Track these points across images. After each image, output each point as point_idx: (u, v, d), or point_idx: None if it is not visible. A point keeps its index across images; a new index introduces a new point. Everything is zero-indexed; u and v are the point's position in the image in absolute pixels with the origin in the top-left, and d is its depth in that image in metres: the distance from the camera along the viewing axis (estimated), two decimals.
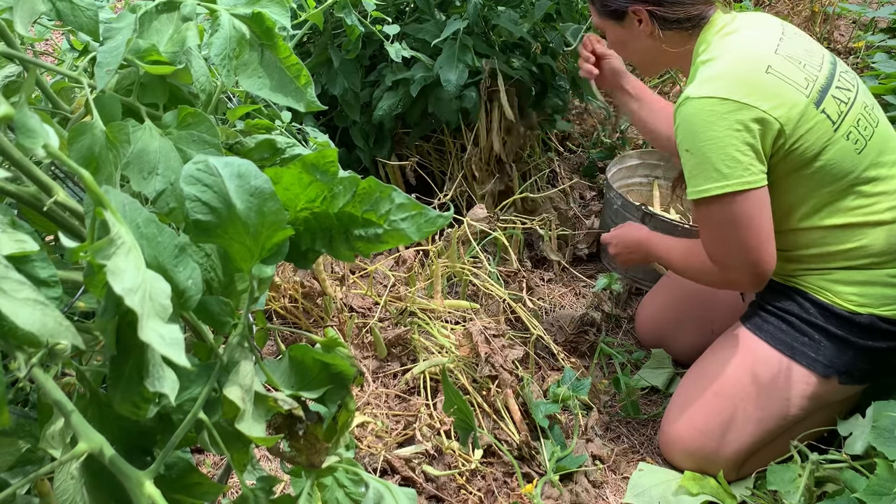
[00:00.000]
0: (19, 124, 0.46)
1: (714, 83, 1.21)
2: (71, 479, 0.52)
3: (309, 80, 0.82)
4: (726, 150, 1.19)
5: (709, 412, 1.35)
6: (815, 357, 1.29)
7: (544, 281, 1.94)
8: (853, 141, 1.24)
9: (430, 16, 1.91)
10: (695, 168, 1.23)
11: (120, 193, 0.47)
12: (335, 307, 1.66)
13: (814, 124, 1.21)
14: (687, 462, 1.39)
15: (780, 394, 1.31)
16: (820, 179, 1.24)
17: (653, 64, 1.45)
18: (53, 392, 0.46)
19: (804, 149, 1.22)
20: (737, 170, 1.19)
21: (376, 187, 0.58)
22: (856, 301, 1.27)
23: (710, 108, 1.20)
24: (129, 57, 0.70)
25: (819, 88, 1.24)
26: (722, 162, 1.19)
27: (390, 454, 1.35)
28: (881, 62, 2.20)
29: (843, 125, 1.24)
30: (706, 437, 1.35)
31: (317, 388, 0.63)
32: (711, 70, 1.24)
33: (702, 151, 1.21)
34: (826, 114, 1.23)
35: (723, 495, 1.30)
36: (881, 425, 1.15)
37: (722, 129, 1.19)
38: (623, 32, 1.38)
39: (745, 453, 1.34)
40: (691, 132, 1.22)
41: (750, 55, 1.24)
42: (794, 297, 1.33)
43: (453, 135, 2.07)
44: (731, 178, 1.20)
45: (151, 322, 0.42)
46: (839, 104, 1.25)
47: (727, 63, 1.23)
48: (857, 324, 1.27)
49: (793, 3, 3.43)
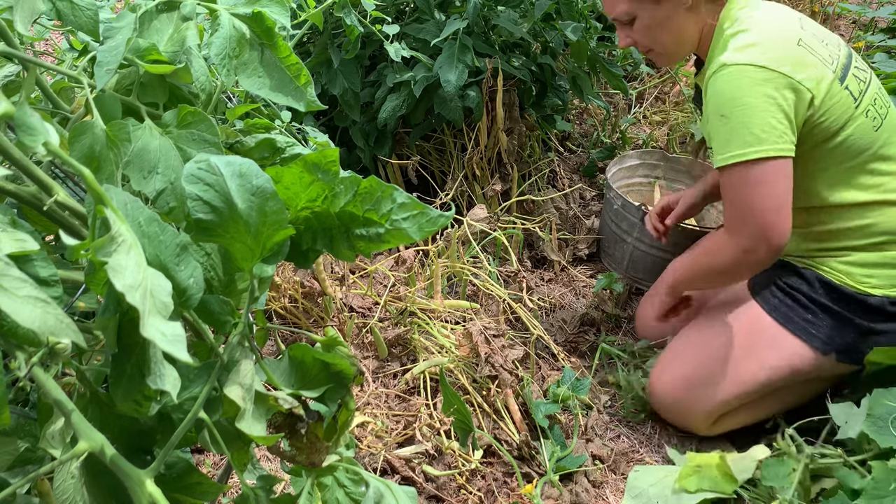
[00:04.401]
0: (19, 123, 0.46)
1: (750, 51, 1.23)
2: (71, 479, 0.52)
3: (309, 80, 0.82)
4: (762, 116, 1.20)
5: (694, 366, 1.43)
6: (814, 333, 1.34)
7: (544, 281, 1.94)
8: (871, 118, 1.29)
9: (430, 16, 1.91)
10: (730, 133, 1.23)
11: (121, 192, 0.47)
12: (335, 307, 1.66)
13: (839, 99, 1.25)
14: (667, 413, 1.50)
15: (768, 362, 1.36)
16: (841, 154, 1.28)
17: (682, 45, 1.40)
18: (53, 391, 0.46)
19: (830, 122, 1.25)
20: (772, 135, 1.21)
21: (378, 187, 0.58)
22: (870, 283, 1.31)
23: (748, 75, 1.21)
24: (129, 56, 0.70)
25: (842, 66, 1.28)
26: (758, 127, 1.21)
27: (390, 454, 1.35)
28: (881, 62, 2.21)
29: (863, 102, 1.28)
30: (685, 390, 1.43)
31: (317, 387, 0.63)
32: (745, 39, 1.25)
33: (738, 116, 1.22)
34: (849, 90, 1.27)
35: (722, 485, 1.29)
36: (876, 413, 1.17)
37: (759, 95, 1.20)
38: (661, 12, 1.34)
39: (721, 410, 1.41)
40: (729, 97, 1.23)
41: (781, 27, 1.27)
42: (807, 277, 1.37)
43: (454, 134, 2.07)
44: (766, 144, 1.21)
45: (153, 319, 0.41)
46: (859, 83, 1.30)
47: (761, 33, 1.25)
48: (867, 305, 1.31)
49: (793, 3, 3.43)
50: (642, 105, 2.73)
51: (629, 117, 2.57)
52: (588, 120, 2.66)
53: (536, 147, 2.22)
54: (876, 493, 1.06)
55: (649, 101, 2.76)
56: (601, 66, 2.08)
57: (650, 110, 2.72)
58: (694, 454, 1.40)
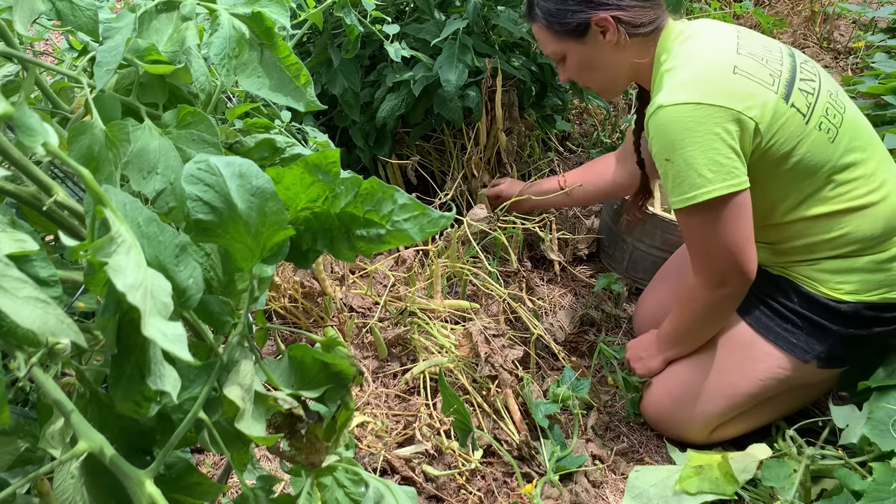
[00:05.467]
0: (19, 123, 0.46)
1: (685, 89, 1.19)
2: (71, 479, 0.52)
3: (308, 80, 0.82)
4: (708, 155, 1.17)
5: (682, 382, 1.43)
6: (794, 342, 1.33)
7: (544, 281, 1.94)
8: (825, 131, 1.24)
9: (430, 16, 1.91)
10: (677, 176, 1.21)
11: (120, 192, 0.47)
12: (335, 307, 1.66)
13: (786, 119, 1.20)
14: (661, 426, 1.49)
15: (753, 374, 1.35)
16: (798, 173, 1.24)
17: (617, 81, 1.41)
18: (53, 392, 0.46)
19: (779, 145, 1.21)
20: (720, 173, 1.17)
21: (378, 188, 0.58)
22: (843, 289, 1.29)
23: (686, 115, 1.17)
24: (129, 56, 0.70)
25: (785, 83, 1.23)
26: (705, 167, 1.17)
27: (390, 454, 1.35)
28: (881, 62, 2.21)
29: (814, 117, 1.24)
30: (678, 404, 1.43)
31: (317, 387, 0.63)
32: (679, 76, 1.21)
33: (683, 158, 1.18)
34: (796, 107, 1.22)
35: (723, 486, 1.29)
36: (876, 417, 1.17)
37: (701, 134, 1.17)
38: (587, 51, 1.34)
39: (715, 423, 1.41)
40: (670, 141, 1.19)
41: (715, 58, 1.23)
42: (781, 284, 1.36)
43: (453, 134, 2.07)
44: (716, 182, 1.18)
45: (154, 319, 0.41)
46: (806, 96, 1.25)
47: (695, 68, 1.22)
48: (840, 313, 1.29)
49: (793, 3, 3.43)
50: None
51: (629, 117, 2.57)
52: (588, 120, 2.66)
53: (536, 147, 2.22)
54: (877, 494, 1.06)
55: None
56: None
57: None
58: (695, 453, 1.40)
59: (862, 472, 1.17)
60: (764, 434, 1.45)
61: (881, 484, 1.06)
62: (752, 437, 1.44)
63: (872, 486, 1.07)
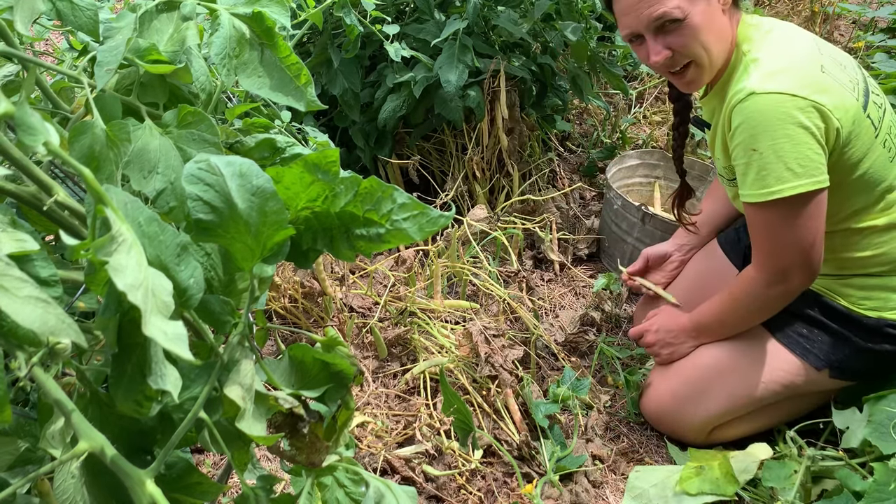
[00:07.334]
0: (20, 122, 0.46)
1: (780, 78, 1.14)
2: (71, 479, 0.52)
3: (309, 80, 0.82)
4: (799, 149, 1.12)
5: (685, 379, 1.41)
6: (809, 349, 1.31)
7: (544, 281, 1.94)
8: (888, 149, 1.22)
9: (430, 16, 1.91)
10: (763, 168, 1.15)
11: (121, 192, 0.47)
12: (335, 307, 1.65)
13: (863, 129, 1.17)
14: (660, 424, 1.48)
15: (760, 377, 1.34)
16: (859, 186, 1.21)
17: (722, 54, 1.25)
18: (54, 391, 0.46)
19: (851, 153, 1.18)
20: (808, 168, 1.13)
21: (378, 187, 0.58)
22: (866, 305, 1.28)
23: (780, 104, 1.12)
24: (129, 56, 0.70)
25: (863, 92, 1.20)
26: (795, 161, 1.13)
27: (390, 454, 1.35)
28: (881, 62, 2.21)
29: (881, 132, 1.21)
30: (678, 402, 1.42)
31: (317, 387, 0.63)
32: (771, 65, 1.16)
33: (773, 150, 1.13)
34: (871, 119, 1.19)
35: (723, 486, 1.29)
36: (877, 420, 1.17)
37: (794, 126, 1.12)
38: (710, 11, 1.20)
39: (713, 423, 1.40)
40: (761, 129, 1.14)
41: (804, 54, 1.18)
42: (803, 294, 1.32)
43: (454, 134, 2.07)
44: (804, 178, 1.13)
45: (155, 318, 0.41)
46: (878, 109, 1.22)
47: (788, 60, 1.16)
48: (862, 325, 1.28)
49: (793, 3, 3.43)
50: (642, 105, 2.73)
51: (629, 117, 2.57)
52: (588, 120, 2.66)
53: (536, 147, 2.22)
54: (878, 494, 1.06)
55: (649, 101, 2.76)
56: (601, 66, 2.08)
57: (650, 110, 2.72)
58: (696, 452, 1.40)
59: (862, 473, 1.17)
60: (764, 436, 1.45)
61: (882, 484, 1.06)
62: (751, 438, 1.44)
63: (873, 486, 1.07)
